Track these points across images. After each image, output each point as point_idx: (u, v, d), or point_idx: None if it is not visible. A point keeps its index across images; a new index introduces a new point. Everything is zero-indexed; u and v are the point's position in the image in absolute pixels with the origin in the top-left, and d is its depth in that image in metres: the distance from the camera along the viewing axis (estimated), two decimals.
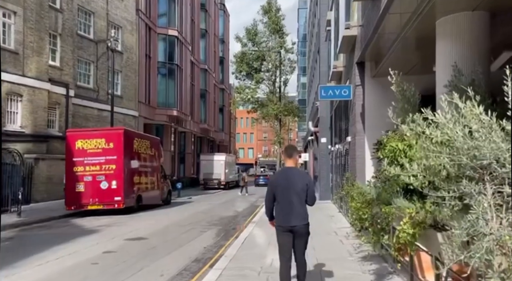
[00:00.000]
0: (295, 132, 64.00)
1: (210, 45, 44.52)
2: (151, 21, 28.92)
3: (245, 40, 21.39)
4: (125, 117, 24.92)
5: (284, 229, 4.56)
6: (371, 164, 9.46)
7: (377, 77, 9.38)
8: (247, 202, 20.98)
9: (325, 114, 19.70)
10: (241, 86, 21.43)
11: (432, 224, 3.72)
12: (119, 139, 14.81)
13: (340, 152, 14.08)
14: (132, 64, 25.63)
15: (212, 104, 45.47)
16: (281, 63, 20.73)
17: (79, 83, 21.14)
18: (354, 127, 9.82)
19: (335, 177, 16.52)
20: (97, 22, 22.22)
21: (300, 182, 4.61)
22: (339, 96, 10.15)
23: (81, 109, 21.09)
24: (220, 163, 35.82)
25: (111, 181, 14.65)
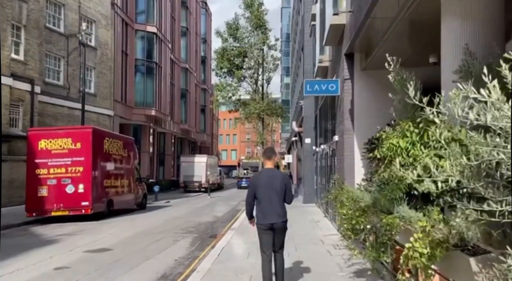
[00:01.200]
0: (278, 134, 63.28)
1: (192, 44, 43.33)
2: (128, 16, 27.62)
3: (226, 35, 20.33)
4: (99, 116, 23.56)
5: (265, 227, 4.85)
6: (361, 165, 8.62)
7: (368, 70, 8.56)
8: (228, 206, 19.96)
9: (309, 113, 18.88)
10: (221, 84, 20.33)
11: (457, 244, 2.85)
12: (87, 138, 13.59)
13: (326, 153, 13.25)
14: (107, 60, 24.29)
15: (194, 105, 44.26)
16: (264, 60, 19.80)
17: (48, 79, 19.73)
18: (342, 125, 8.97)
19: (320, 180, 15.69)
20: (68, 15, 20.86)
21: (279, 182, 4.92)
22: (326, 91, 9.29)
23: (50, 107, 19.68)
24: (201, 165, 34.66)
25: (78, 185, 13.41)
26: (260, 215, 4.91)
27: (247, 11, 19.58)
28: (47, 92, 19.46)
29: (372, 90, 8.58)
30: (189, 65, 41.94)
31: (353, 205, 6.14)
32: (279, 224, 4.91)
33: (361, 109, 8.63)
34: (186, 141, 43.79)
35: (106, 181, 14.65)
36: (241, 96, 21.90)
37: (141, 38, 29.42)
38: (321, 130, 15.56)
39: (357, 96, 8.65)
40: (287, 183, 5.05)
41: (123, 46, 26.97)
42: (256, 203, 4.97)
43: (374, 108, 8.58)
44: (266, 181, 4.95)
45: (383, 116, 8.58)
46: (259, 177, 5.16)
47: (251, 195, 4.99)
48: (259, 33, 19.22)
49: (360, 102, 8.63)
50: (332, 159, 11.20)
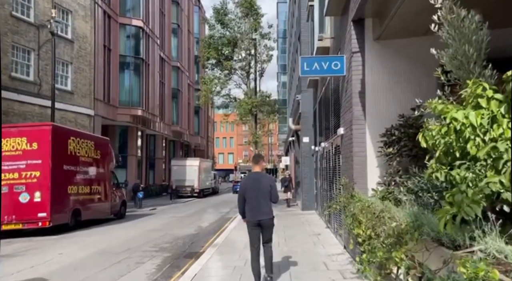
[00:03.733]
0: (276, 136, 61.22)
1: (184, 42, 41.34)
2: (111, 8, 25.60)
3: (213, 21, 18.24)
4: (77, 116, 21.46)
5: (253, 224, 5.46)
6: (376, 165, 6.55)
7: (384, 39, 6.50)
8: (217, 214, 17.84)
9: (307, 109, 16.83)
10: (208, 76, 18.16)
11: None
12: (45, 138, 11.50)
13: (327, 151, 11.17)
14: (85, 55, 22.22)
15: (186, 105, 42.18)
16: (256, 50, 17.75)
17: (15, 74, 17.63)
18: (350, 113, 6.91)
19: (320, 183, 13.61)
20: (38, 3, 18.79)
21: (265, 184, 5.55)
22: (328, 71, 7.24)
23: (17, 105, 17.56)
24: (193, 168, 32.58)
25: (34, 193, 11.31)
26: (249, 213, 5.49)
27: None
28: (13, 88, 17.35)
29: (389, 64, 6.52)
30: (181, 64, 39.92)
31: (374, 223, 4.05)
32: (266, 220, 5.46)
33: (374, 91, 6.57)
34: (179, 144, 41.70)
35: (70, 188, 12.53)
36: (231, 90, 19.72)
37: (125, 33, 27.37)
38: (321, 127, 13.48)
39: (369, 73, 6.58)
40: (272, 185, 5.61)
41: (105, 40, 24.91)
42: (245, 203, 5.53)
43: (392, 88, 6.51)
44: (253, 183, 5.57)
45: (405, 99, 6.51)
46: (247, 180, 5.79)
47: (241, 196, 5.59)
48: (250, 20, 17.18)
49: (374, 81, 6.57)
50: (336, 159, 9.12)
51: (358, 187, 6.55)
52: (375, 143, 6.45)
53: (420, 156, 5.64)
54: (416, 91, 6.33)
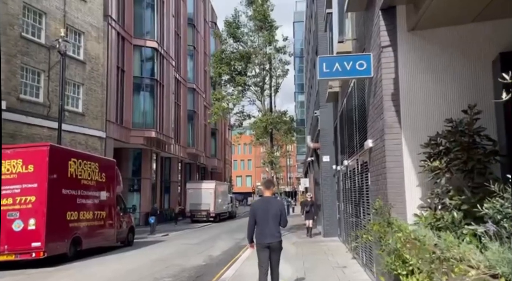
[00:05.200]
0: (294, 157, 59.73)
1: (200, 63, 41.15)
2: (125, 30, 25.42)
3: (224, 35, 17.44)
4: (87, 138, 20.82)
5: (262, 246, 5.71)
6: (416, 183, 5.24)
7: (420, 29, 5.32)
8: (231, 241, 16.49)
9: (327, 126, 15.60)
10: (219, 92, 17.17)
11: None
12: (42, 159, 10.62)
13: (351, 170, 9.86)
14: (98, 76, 21.81)
15: (202, 127, 41.53)
16: (271, 63, 16.72)
17: (23, 96, 17.17)
18: (381, 120, 5.68)
19: (344, 207, 12.20)
20: (50, 25, 18.56)
21: (275, 208, 5.79)
22: (352, 72, 6.08)
23: (25, 128, 17.01)
24: (209, 191, 31.45)
25: (28, 220, 10.35)
26: (259, 236, 5.76)
27: (249, 8, 16.76)
28: (22, 110, 16.86)
29: (428, 59, 5.31)
30: (197, 86, 39.58)
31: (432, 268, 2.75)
32: (274, 243, 5.71)
33: (411, 92, 5.34)
34: (195, 166, 40.81)
35: (70, 214, 11.53)
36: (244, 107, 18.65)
37: (140, 54, 27.09)
38: (343, 143, 12.20)
39: (403, 71, 5.38)
40: (282, 209, 5.88)
41: (119, 62, 24.59)
42: (256, 225, 5.79)
43: (434, 88, 5.28)
44: (264, 207, 5.84)
45: (452, 99, 5.24)
46: (258, 204, 6.07)
47: (251, 220, 5.83)
48: (264, 32, 16.26)
49: (409, 80, 5.35)
50: (363, 178, 7.82)
51: (395, 212, 5.23)
52: (415, 156, 5.17)
53: (479, 171, 4.34)
54: (465, 90, 5.07)
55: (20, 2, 16.98)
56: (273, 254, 5.67)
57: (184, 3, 37.13)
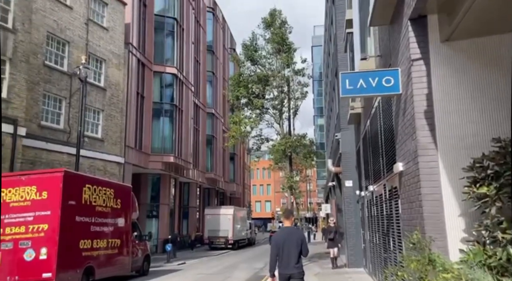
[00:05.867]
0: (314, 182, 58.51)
1: (219, 89, 41.45)
2: (146, 57, 25.83)
3: (242, 58, 17.29)
4: (106, 164, 20.76)
5: (284, 276, 5.83)
6: (458, 213, 4.60)
7: (455, 39, 4.82)
8: (250, 271, 15.70)
9: (348, 149, 14.96)
10: (237, 116, 16.85)
11: None
12: (55, 186, 10.39)
13: (377, 196, 9.18)
14: (117, 102, 22.00)
15: (221, 152, 41.32)
16: (289, 86, 16.39)
17: (44, 122, 17.34)
18: (413, 141, 5.11)
19: (370, 236, 11.39)
20: (73, 53, 18.94)
21: (295, 238, 5.94)
22: (378, 89, 5.58)
23: (45, 154, 17.06)
24: (227, 217, 30.77)
25: (40, 249, 10.00)
26: (280, 267, 5.89)
27: (267, 31, 16.65)
28: (42, 136, 16.98)
29: (466, 71, 4.77)
30: (216, 111, 39.70)
31: None
32: (296, 274, 5.80)
33: (447, 108, 4.79)
34: (214, 191, 40.34)
35: (83, 242, 11.15)
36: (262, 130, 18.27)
37: (159, 80, 27.39)
38: (367, 168, 11.54)
39: (437, 85, 4.85)
40: (303, 239, 6.02)
41: (139, 88, 24.86)
42: (277, 256, 5.91)
43: (474, 103, 4.71)
44: (285, 238, 5.96)
45: (497, 116, 4.65)
46: (279, 235, 6.19)
47: (274, 252, 5.97)
48: (282, 54, 16.05)
49: (445, 96, 4.81)
50: (392, 205, 7.15)
51: (434, 246, 4.56)
52: (455, 181, 4.55)
53: None
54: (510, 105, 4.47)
55: (44, 32, 17.44)
56: None
57: (204, 30, 37.86)
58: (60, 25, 18.25)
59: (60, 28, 18.29)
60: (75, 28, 19.14)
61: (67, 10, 18.79)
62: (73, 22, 19.05)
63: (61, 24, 18.30)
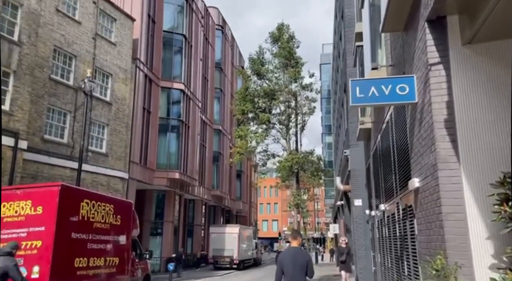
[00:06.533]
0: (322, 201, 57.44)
1: (226, 105, 41.31)
2: (153, 73, 25.82)
3: (249, 72, 16.97)
4: (109, 179, 20.41)
5: None
6: (486, 235, 4.06)
7: (478, 42, 4.37)
8: None
9: (358, 166, 14.40)
10: (242, 130, 16.39)
11: None
12: (52, 200, 9.94)
13: (389, 216, 8.58)
14: (123, 117, 21.82)
15: (227, 169, 40.81)
16: (296, 101, 15.98)
17: (48, 136, 17.13)
18: (432, 153, 4.60)
19: (381, 258, 10.70)
20: (79, 67, 18.91)
21: (301, 259, 5.96)
22: (391, 97, 5.13)
23: (47, 168, 16.79)
24: (232, 236, 30.00)
25: (32, 267, 9.47)
26: None
27: (274, 45, 16.39)
28: (45, 150, 16.75)
29: (491, 78, 4.30)
30: (223, 127, 39.44)
31: None
32: None
33: (470, 116, 4.30)
34: (220, 209, 39.65)
35: (78, 261, 10.62)
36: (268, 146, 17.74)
37: (166, 95, 27.27)
38: (378, 186, 10.95)
39: (459, 93, 4.37)
40: (308, 260, 6.03)
41: (145, 103, 24.73)
42: (283, 276, 5.93)
43: (499, 112, 4.21)
44: (291, 258, 5.99)
45: None
46: (285, 255, 6.21)
47: (279, 272, 5.99)
48: (289, 68, 15.71)
49: (468, 103, 4.33)
50: (406, 225, 6.57)
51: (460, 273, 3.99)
52: (482, 199, 4.01)
53: None
54: None
55: (51, 46, 17.45)
56: None
57: (212, 48, 38.04)
58: (67, 39, 18.27)
59: (68, 42, 18.31)
60: (82, 42, 19.16)
61: (75, 25, 18.85)
62: (80, 36, 19.08)
63: (68, 38, 18.33)
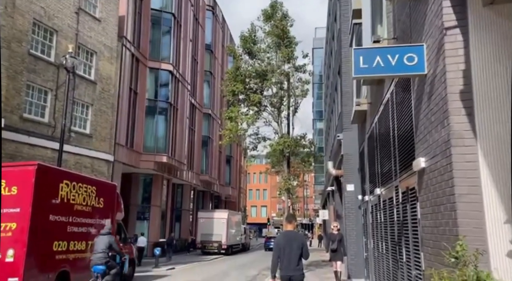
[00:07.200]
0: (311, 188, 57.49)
1: (217, 89, 40.44)
2: (140, 52, 24.87)
3: (240, 50, 16.26)
4: (93, 161, 19.69)
5: (285, 278, 6.09)
6: (505, 219, 3.62)
7: (503, 2, 3.86)
8: (242, 279, 14.62)
9: (351, 150, 13.98)
10: (231, 110, 15.75)
11: None
12: (27, 180, 9.33)
13: (385, 200, 8.18)
14: (108, 97, 20.97)
15: (217, 154, 40.25)
16: (289, 82, 15.39)
17: (27, 115, 16.28)
18: (443, 129, 4.13)
19: (374, 244, 10.38)
20: (61, 43, 17.92)
21: (297, 242, 6.20)
22: (398, 68, 4.62)
23: (26, 148, 15.98)
24: (221, 221, 29.70)
25: (6, 251, 8.92)
26: (282, 268, 6.15)
27: (267, 23, 15.63)
28: (24, 129, 15.91)
29: None
30: (213, 111, 38.70)
31: None
32: (296, 276, 6.08)
33: (490, 87, 3.81)
34: (208, 194, 39.22)
35: (57, 244, 10.08)
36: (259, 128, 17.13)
37: (154, 76, 26.39)
38: (372, 170, 10.54)
39: (478, 62, 3.87)
40: (303, 243, 6.28)
41: (132, 83, 23.85)
42: (279, 258, 6.17)
43: None
44: (286, 241, 6.22)
45: None
46: (281, 238, 6.44)
47: (275, 255, 6.21)
48: (282, 48, 15.04)
49: (488, 72, 3.84)
50: (406, 209, 6.16)
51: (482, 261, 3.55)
52: (502, 179, 3.56)
53: None
54: None
55: (30, 19, 16.43)
56: None
57: (203, 29, 36.97)
58: (48, 13, 17.25)
59: (48, 16, 17.29)
60: (64, 17, 18.15)
61: None
62: (62, 10, 18.05)
63: (49, 12, 17.31)
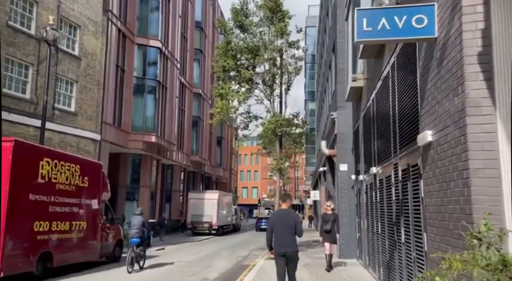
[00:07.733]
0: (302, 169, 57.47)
1: (207, 69, 39.55)
2: (127, 28, 23.88)
3: (231, 24, 15.51)
4: (79, 140, 19.03)
5: (279, 254, 6.31)
6: None
7: None
8: (233, 259, 14.41)
9: (345, 129, 13.61)
10: (222, 86, 15.12)
11: None
12: (4, 157, 8.76)
13: (382, 179, 7.85)
14: (94, 74, 20.14)
15: (208, 135, 39.70)
16: (282, 58, 14.83)
17: (8, 90, 15.49)
18: (456, 97, 3.70)
19: (368, 224, 10.14)
20: (41, 14, 16.95)
21: (291, 220, 6.42)
22: (406, 31, 4.15)
23: (7, 126, 15.19)
24: (212, 202, 29.46)
25: None
26: (276, 246, 6.36)
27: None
28: (4, 106, 15.15)
29: None
30: (203, 91, 37.91)
31: None
32: (290, 253, 6.28)
33: None
34: (199, 175, 38.88)
35: (38, 225, 9.62)
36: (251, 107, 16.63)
37: (142, 53, 25.48)
38: (367, 149, 10.20)
39: (500, 21, 3.42)
40: (297, 220, 6.50)
41: (119, 60, 22.97)
42: (273, 236, 6.38)
43: None
44: (281, 219, 6.47)
45: None
46: (275, 216, 6.82)
47: (270, 230, 6.44)
48: (275, 22, 14.38)
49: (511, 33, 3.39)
50: (407, 187, 5.81)
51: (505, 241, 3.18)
52: None
53: None
54: None
55: None
56: (290, 263, 6.29)
57: (192, 5, 35.78)
58: None
59: None
60: None
61: None
62: None
63: None
